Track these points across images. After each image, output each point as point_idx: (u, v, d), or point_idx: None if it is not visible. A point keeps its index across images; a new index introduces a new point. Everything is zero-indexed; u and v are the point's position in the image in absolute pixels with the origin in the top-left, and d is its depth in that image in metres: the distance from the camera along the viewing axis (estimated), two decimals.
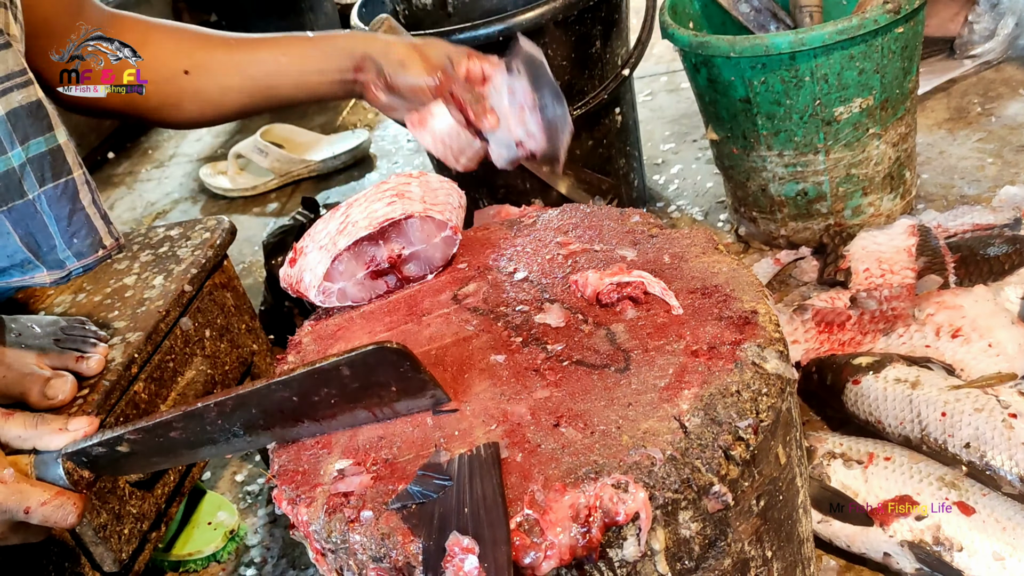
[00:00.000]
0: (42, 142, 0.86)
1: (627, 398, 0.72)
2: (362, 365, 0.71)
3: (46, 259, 0.90)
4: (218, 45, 1.11)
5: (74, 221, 0.90)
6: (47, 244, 0.90)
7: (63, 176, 0.88)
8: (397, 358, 0.71)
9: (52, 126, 0.88)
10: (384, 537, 0.66)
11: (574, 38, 1.57)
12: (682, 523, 0.68)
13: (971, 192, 1.63)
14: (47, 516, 0.73)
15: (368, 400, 0.74)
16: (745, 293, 0.80)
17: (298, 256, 0.91)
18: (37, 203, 0.88)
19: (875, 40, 1.37)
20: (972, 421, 1.05)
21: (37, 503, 0.72)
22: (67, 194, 0.89)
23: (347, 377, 0.72)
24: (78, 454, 0.74)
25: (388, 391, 0.74)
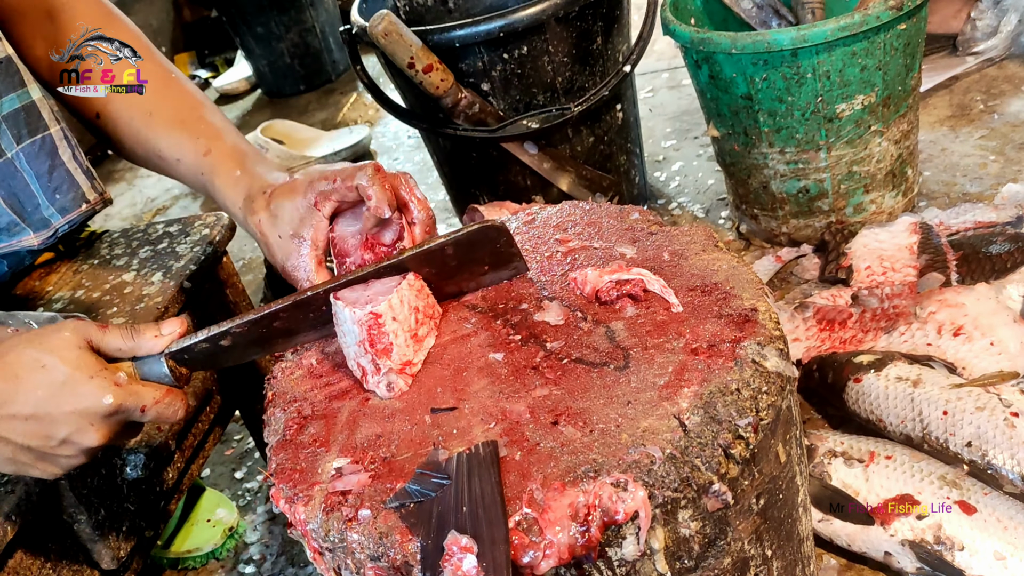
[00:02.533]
0: (15, 99, 0.86)
1: (626, 396, 0.72)
2: (466, 244, 0.79)
3: (31, 219, 0.89)
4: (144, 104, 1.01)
5: (55, 177, 0.89)
6: (31, 203, 0.89)
7: (40, 132, 0.87)
8: (497, 234, 0.79)
9: (24, 82, 0.87)
10: (382, 536, 0.66)
11: (575, 34, 1.57)
12: (681, 522, 0.67)
13: (973, 190, 1.63)
14: (161, 413, 0.77)
15: (461, 278, 0.82)
16: (745, 291, 0.80)
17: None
18: (16, 161, 0.87)
19: (877, 37, 1.36)
20: (974, 420, 1.05)
21: (151, 401, 0.76)
22: (45, 150, 0.88)
23: (449, 256, 0.79)
24: (181, 352, 0.78)
25: (480, 268, 0.81)
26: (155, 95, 1.02)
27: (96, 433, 0.74)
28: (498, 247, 0.80)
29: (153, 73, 1.03)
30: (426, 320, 0.81)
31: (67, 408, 0.73)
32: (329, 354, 0.85)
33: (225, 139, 0.98)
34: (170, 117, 1.00)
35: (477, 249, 0.79)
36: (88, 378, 0.73)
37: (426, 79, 1.52)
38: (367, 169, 0.83)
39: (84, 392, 0.73)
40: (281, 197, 0.87)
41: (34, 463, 0.76)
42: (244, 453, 1.60)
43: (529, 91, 1.60)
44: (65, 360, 0.73)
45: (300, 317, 0.81)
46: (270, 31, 3.06)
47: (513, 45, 1.53)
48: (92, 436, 0.74)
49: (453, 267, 0.80)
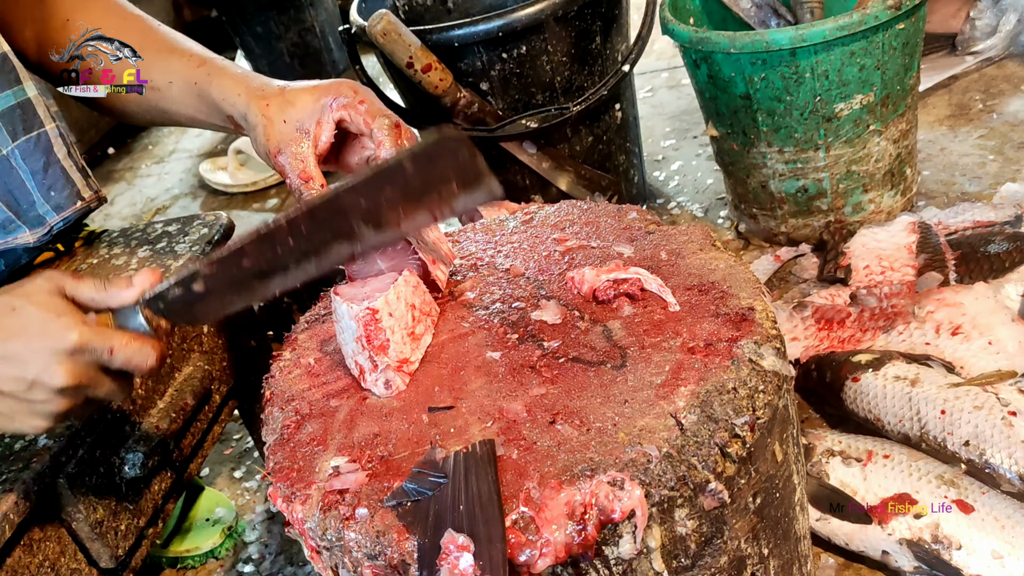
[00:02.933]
0: (10, 96, 0.86)
1: (623, 395, 0.72)
2: (424, 158, 0.74)
3: (26, 217, 0.90)
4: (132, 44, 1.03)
5: (49, 174, 0.90)
6: (26, 200, 0.89)
7: (35, 129, 0.88)
8: (457, 146, 0.73)
9: (20, 79, 0.87)
10: (379, 535, 0.66)
11: (574, 34, 1.57)
12: (678, 520, 0.67)
13: (972, 189, 1.63)
14: (129, 356, 0.75)
15: (429, 199, 0.76)
16: (742, 290, 0.80)
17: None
18: (11, 158, 0.87)
19: (876, 36, 1.36)
20: (971, 419, 1.05)
21: (120, 343, 0.75)
22: (40, 147, 0.88)
23: (411, 174, 0.74)
24: (155, 300, 0.76)
25: (448, 187, 0.75)
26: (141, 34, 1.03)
27: (62, 371, 0.73)
28: (461, 161, 0.75)
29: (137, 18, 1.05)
30: (423, 317, 0.81)
31: (34, 346, 0.73)
32: (327, 353, 0.85)
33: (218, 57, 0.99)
34: (159, 47, 1.01)
35: (439, 164, 0.75)
36: (55, 316, 0.74)
37: (425, 79, 1.52)
38: (389, 119, 0.85)
39: (50, 330, 0.74)
40: (300, 90, 0.89)
41: (13, 413, 0.76)
42: (243, 452, 1.60)
43: (528, 91, 1.60)
44: (35, 302, 0.75)
45: (268, 253, 0.77)
46: (270, 31, 3.06)
47: (512, 45, 1.53)
48: (59, 374, 0.73)
49: (418, 187, 0.76)
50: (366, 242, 0.77)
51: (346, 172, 0.93)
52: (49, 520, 0.95)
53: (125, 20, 1.05)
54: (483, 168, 0.76)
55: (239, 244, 0.76)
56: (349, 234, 0.76)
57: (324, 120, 0.88)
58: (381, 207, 0.76)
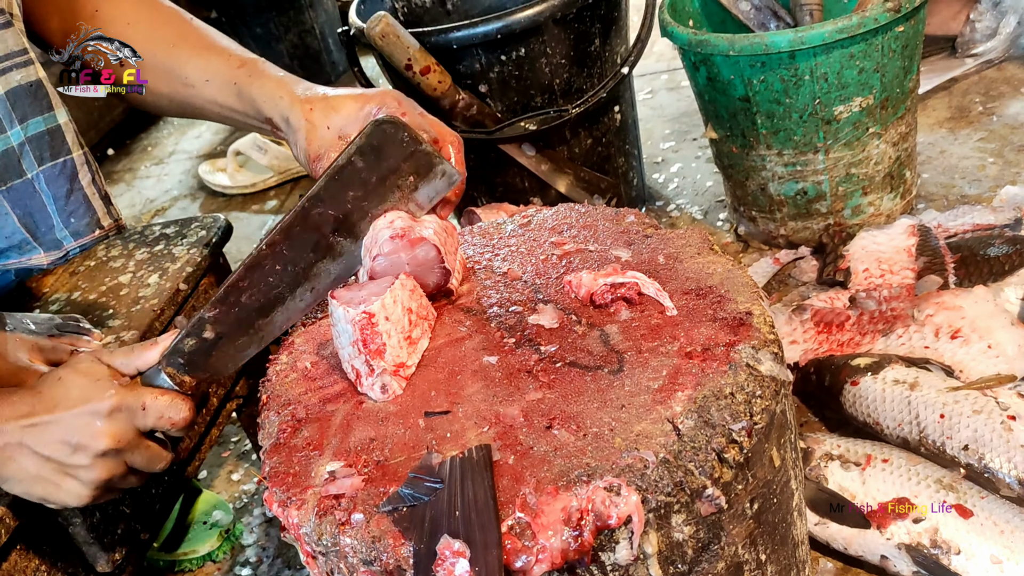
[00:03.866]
0: (41, 122, 0.86)
1: (620, 400, 0.71)
2: (368, 149, 0.79)
3: (43, 240, 0.90)
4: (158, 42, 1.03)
5: (71, 200, 0.90)
6: (45, 224, 0.89)
7: (62, 156, 0.88)
8: (393, 128, 0.79)
9: (52, 106, 0.88)
10: (375, 540, 0.66)
11: (573, 36, 1.57)
12: (675, 526, 0.67)
13: (972, 192, 1.63)
14: (161, 411, 0.79)
15: (391, 195, 0.81)
16: (740, 294, 0.79)
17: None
18: (36, 182, 0.88)
19: (875, 39, 1.36)
20: (971, 423, 1.04)
21: (151, 398, 0.79)
22: (65, 173, 0.89)
23: (363, 169, 0.79)
24: (174, 355, 0.81)
25: (404, 179, 0.81)
26: (177, 28, 1.03)
27: (102, 434, 0.77)
28: (404, 144, 0.79)
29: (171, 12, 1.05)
30: (419, 321, 0.80)
31: (76, 408, 0.77)
32: (324, 357, 0.85)
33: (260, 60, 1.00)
34: (196, 43, 1.02)
35: (385, 154, 0.79)
36: (95, 380, 0.79)
37: (424, 81, 1.52)
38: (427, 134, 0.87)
39: (89, 393, 0.78)
40: (344, 97, 0.91)
41: (59, 480, 0.80)
42: (241, 455, 1.59)
43: (527, 93, 1.59)
44: (77, 371, 0.80)
45: (261, 282, 0.81)
46: (269, 32, 3.06)
47: (511, 47, 1.53)
48: (99, 437, 0.77)
49: (376, 184, 0.80)
50: (347, 256, 0.81)
51: None
52: (46, 524, 0.94)
53: (158, 13, 1.05)
54: (429, 149, 0.80)
55: (231, 280, 0.80)
56: (328, 248, 0.81)
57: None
58: (349, 213, 0.80)
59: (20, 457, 0.79)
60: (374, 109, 0.89)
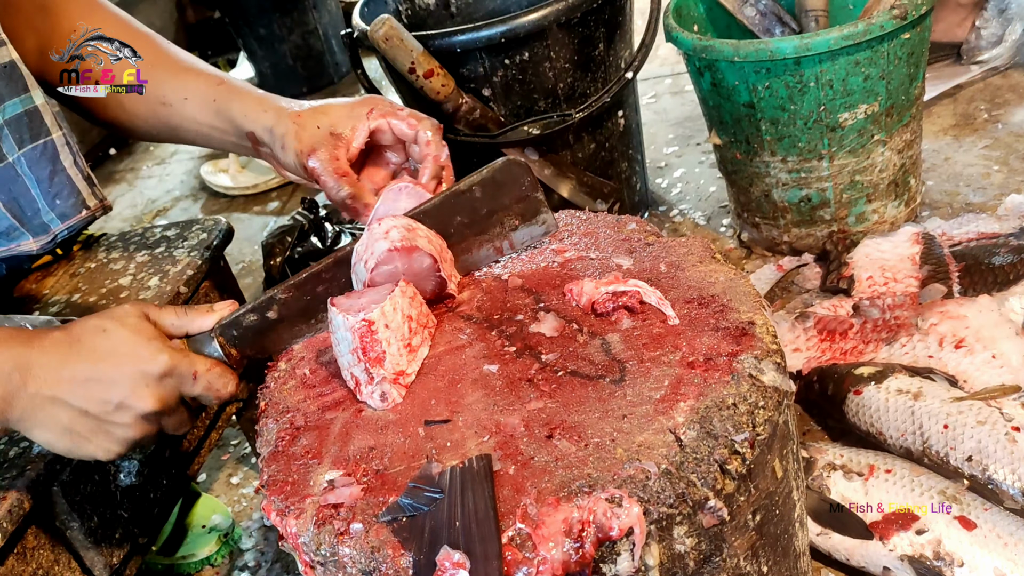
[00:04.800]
0: (18, 103, 0.86)
1: (622, 410, 0.71)
2: (491, 183, 0.81)
3: (31, 224, 0.90)
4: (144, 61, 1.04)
5: (55, 182, 0.90)
6: (31, 208, 0.89)
7: (42, 137, 0.88)
8: (520, 171, 0.82)
9: (28, 87, 0.87)
10: (374, 550, 0.65)
11: (577, 40, 1.56)
12: (677, 538, 0.66)
13: (976, 200, 1.62)
14: (211, 382, 0.78)
15: (491, 230, 0.84)
16: (742, 303, 0.79)
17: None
18: (17, 165, 0.87)
19: (881, 46, 1.35)
20: (974, 434, 1.04)
21: (204, 368, 0.77)
22: (47, 155, 0.88)
23: (478, 200, 0.82)
24: (230, 327, 0.80)
25: (509, 216, 0.83)
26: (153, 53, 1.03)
27: (150, 396, 0.75)
28: (523, 189, 0.81)
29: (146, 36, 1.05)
30: (420, 329, 0.80)
31: (125, 368, 0.75)
32: (323, 364, 0.84)
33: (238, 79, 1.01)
34: (172, 65, 1.02)
35: (504, 192, 0.81)
36: (147, 340, 0.76)
37: (427, 84, 1.52)
38: (433, 121, 0.91)
39: (142, 353, 0.75)
40: (332, 104, 0.93)
41: (90, 434, 0.77)
42: (240, 458, 1.59)
43: (530, 97, 1.59)
44: (125, 325, 0.76)
45: (343, 278, 0.82)
46: (273, 33, 3.06)
47: (515, 51, 1.53)
48: (147, 399, 0.75)
49: (484, 215, 0.82)
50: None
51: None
52: (43, 528, 0.94)
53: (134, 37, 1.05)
54: (542, 199, 0.83)
55: (316, 269, 0.81)
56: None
57: (359, 126, 0.91)
58: (450, 235, 0.82)
59: (53, 408, 0.75)
60: (365, 110, 0.90)
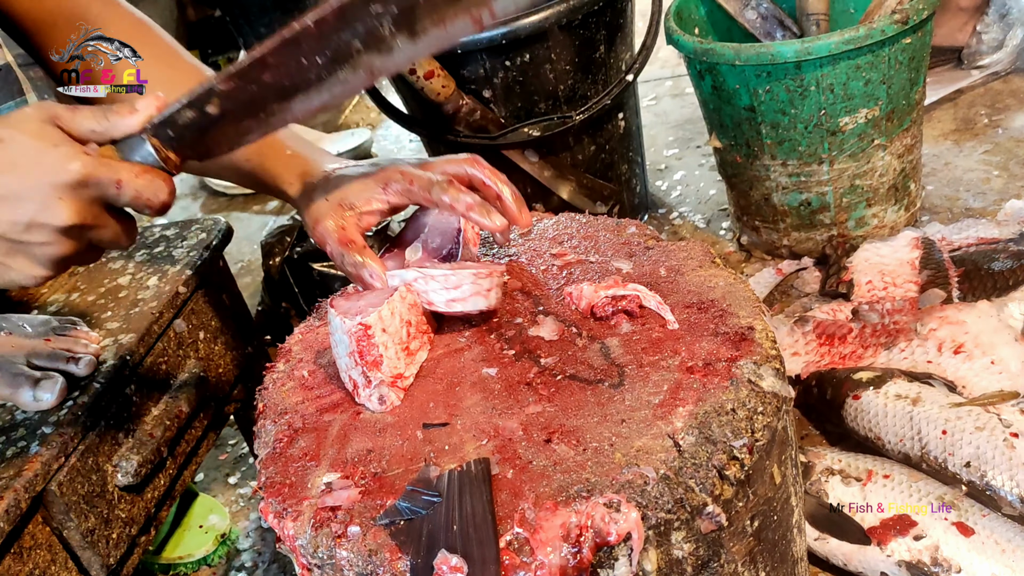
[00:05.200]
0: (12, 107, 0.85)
1: (620, 414, 0.71)
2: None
3: None
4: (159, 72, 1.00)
5: None
6: None
7: None
8: None
9: (23, 90, 0.86)
10: (371, 553, 0.65)
11: (578, 42, 1.56)
12: (675, 544, 0.66)
13: (976, 205, 1.62)
14: (140, 190, 0.68)
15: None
16: (742, 308, 0.79)
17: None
18: None
19: (882, 50, 1.35)
20: (973, 440, 1.04)
21: (130, 175, 0.67)
22: None
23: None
24: (164, 125, 0.69)
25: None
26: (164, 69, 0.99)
27: (66, 208, 0.66)
28: None
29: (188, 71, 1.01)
30: (419, 334, 0.80)
31: (30, 180, 0.65)
32: (322, 365, 0.84)
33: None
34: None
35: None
36: (52, 146, 0.66)
37: (427, 85, 1.52)
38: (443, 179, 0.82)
39: (48, 161, 0.66)
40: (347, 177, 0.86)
41: (7, 259, 0.68)
42: (238, 458, 1.59)
43: (531, 99, 1.59)
44: (26, 131, 0.67)
45: (292, 63, 0.68)
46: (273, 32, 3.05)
47: (515, 52, 1.53)
48: (61, 212, 0.66)
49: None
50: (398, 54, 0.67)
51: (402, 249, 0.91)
52: (40, 528, 0.94)
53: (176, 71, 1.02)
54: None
55: (260, 53, 0.68)
56: (380, 41, 0.66)
57: (373, 199, 0.85)
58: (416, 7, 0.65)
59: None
60: (379, 188, 0.84)
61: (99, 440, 1.02)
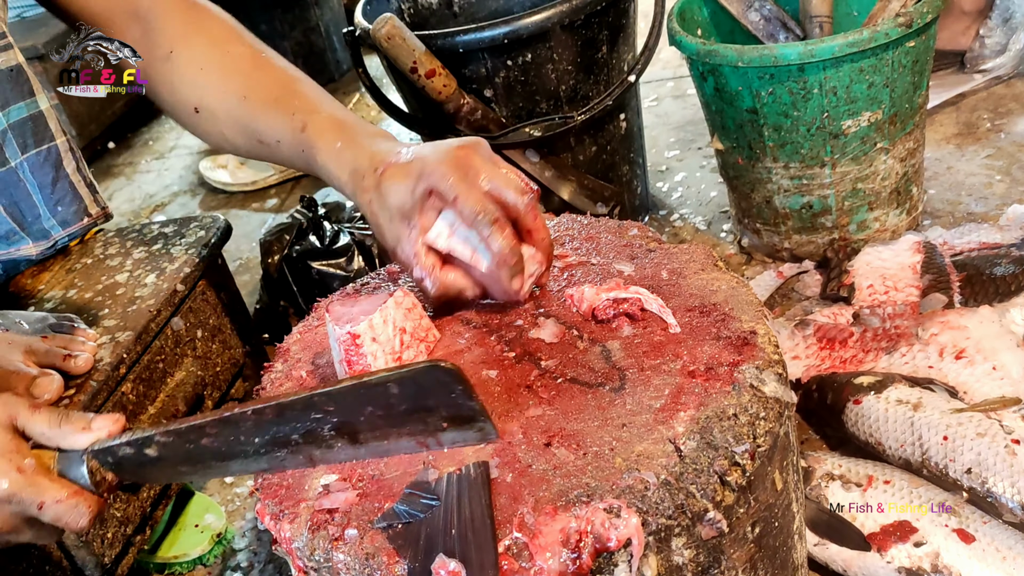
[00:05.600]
0: (23, 108, 0.84)
1: (621, 419, 0.70)
2: (412, 384, 0.66)
3: (31, 229, 0.88)
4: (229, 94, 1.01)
5: (58, 188, 0.88)
6: (31, 213, 0.88)
7: (46, 142, 0.86)
8: (450, 379, 0.65)
9: (33, 91, 0.86)
10: (368, 557, 0.65)
11: (580, 43, 1.55)
12: (675, 550, 0.66)
13: (978, 209, 1.61)
14: (60, 515, 0.70)
15: (413, 426, 0.69)
16: (744, 312, 0.78)
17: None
18: (19, 170, 0.86)
19: (885, 54, 1.35)
20: (974, 446, 1.03)
21: (52, 499, 0.69)
22: (50, 161, 0.87)
23: (395, 396, 0.67)
24: (104, 453, 0.71)
25: (436, 418, 0.68)
26: (246, 77, 1.00)
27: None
28: (453, 396, 0.66)
29: (242, 56, 1.02)
30: (414, 342, 0.78)
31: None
32: (320, 366, 0.84)
33: (321, 110, 0.94)
34: (263, 97, 0.97)
35: (427, 395, 0.67)
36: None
37: (428, 84, 1.51)
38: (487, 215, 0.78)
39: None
40: (392, 178, 0.83)
41: None
42: None
43: (532, 99, 1.58)
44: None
45: (231, 438, 0.70)
46: (274, 29, 3.04)
47: (517, 52, 1.52)
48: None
49: (401, 413, 0.68)
50: (340, 452, 0.71)
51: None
52: None
53: (229, 58, 1.02)
54: (477, 407, 0.68)
55: (201, 421, 0.69)
56: (318, 440, 0.70)
57: (425, 209, 0.82)
58: (357, 424, 0.69)
59: None
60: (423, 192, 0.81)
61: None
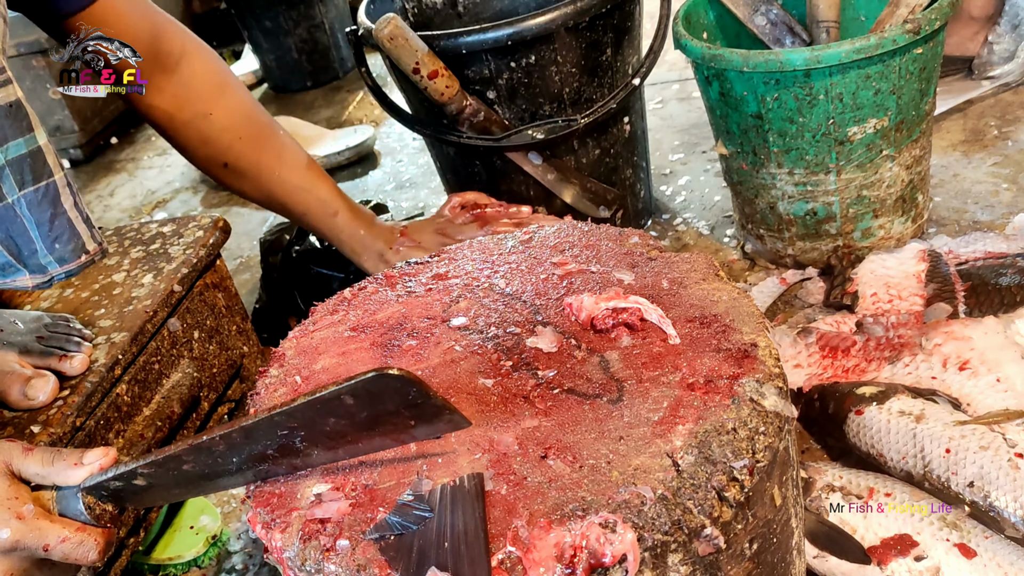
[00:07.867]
0: (22, 144, 0.84)
1: (619, 431, 0.69)
2: (364, 393, 0.65)
3: (28, 263, 0.87)
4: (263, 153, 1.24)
5: (56, 226, 0.87)
6: (28, 248, 0.87)
7: (44, 179, 0.85)
8: (401, 385, 0.64)
9: (32, 127, 0.85)
10: (360, 568, 0.64)
11: (585, 45, 1.54)
12: (671, 566, 0.65)
13: (984, 218, 1.60)
14: (67, 553, 0.71)
15: (383, 427, 0.69)
16: (745, 324, 0.77)
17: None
18: (17, 207, 0.85)
19: (893, 60, 1.33)
20: (977, 459, 1.02)
21: (56, 540, 0.71)
22: (48, 197, 0.86)
23: (352, 406, 0.66)
24: (97, 488, 0.72)
25: (401, 418, 0.68)
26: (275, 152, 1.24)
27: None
28: (410, 397, 0.66)
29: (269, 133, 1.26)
30: None
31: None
32: (316, 372, 0.83)
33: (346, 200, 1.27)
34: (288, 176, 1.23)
35: (383, 400, 0.66)
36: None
37: (431, 85, 1.50)
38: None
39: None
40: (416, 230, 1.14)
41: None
42: None
43: (535, 101, 1.57)
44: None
45: (210, 461, 0.70)
46: (279, 25, 3.04)
47: (521, 54, 1.51)
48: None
49: (365, 419, 0.67)
50: (317, 457, 0.71)
51: None
52: None
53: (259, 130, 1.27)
54: (438, 404, 0.66)
55: (176, 451, 0.70)
56: (294, 452, 0.70)
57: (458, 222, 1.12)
58: (326, 434, 0.69)
59: None
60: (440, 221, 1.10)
61: (88, 440, 1.00)
